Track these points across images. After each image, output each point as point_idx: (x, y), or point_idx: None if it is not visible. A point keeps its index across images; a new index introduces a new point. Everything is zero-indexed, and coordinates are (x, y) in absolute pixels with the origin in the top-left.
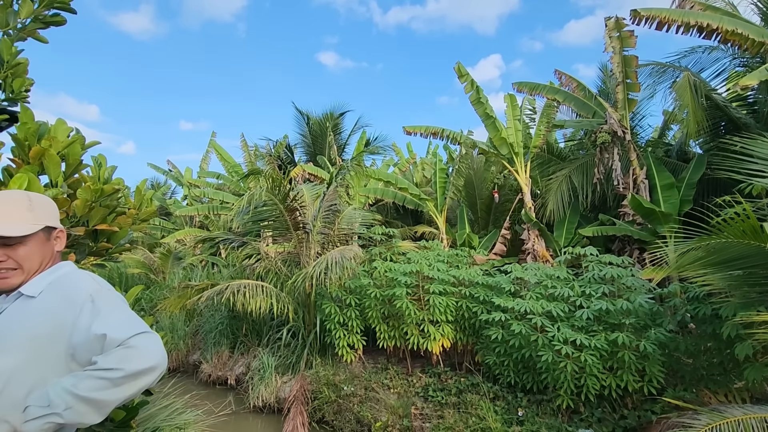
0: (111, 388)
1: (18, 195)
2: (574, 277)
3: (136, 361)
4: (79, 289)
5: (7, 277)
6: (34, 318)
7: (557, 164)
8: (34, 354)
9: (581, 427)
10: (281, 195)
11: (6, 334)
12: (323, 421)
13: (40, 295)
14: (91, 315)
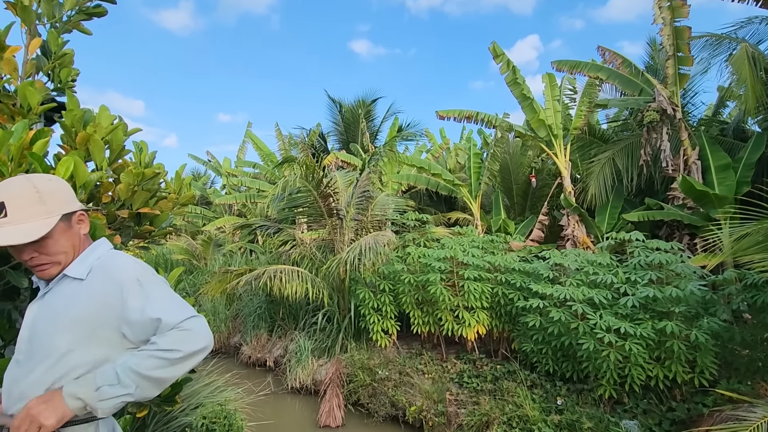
0: (170, 367)
1: (24, 189)
2: (618, 264)
3: (192, 343)
4: (125, 272)
5: (45, 269)
6: (84, 300)
7: (599, 146)
8: (88, 334)
9: (625, 418)
10: (315, 181)
11: (59, 315)
12: (358, 404)
13: (88, 277)
14: (142, 298)
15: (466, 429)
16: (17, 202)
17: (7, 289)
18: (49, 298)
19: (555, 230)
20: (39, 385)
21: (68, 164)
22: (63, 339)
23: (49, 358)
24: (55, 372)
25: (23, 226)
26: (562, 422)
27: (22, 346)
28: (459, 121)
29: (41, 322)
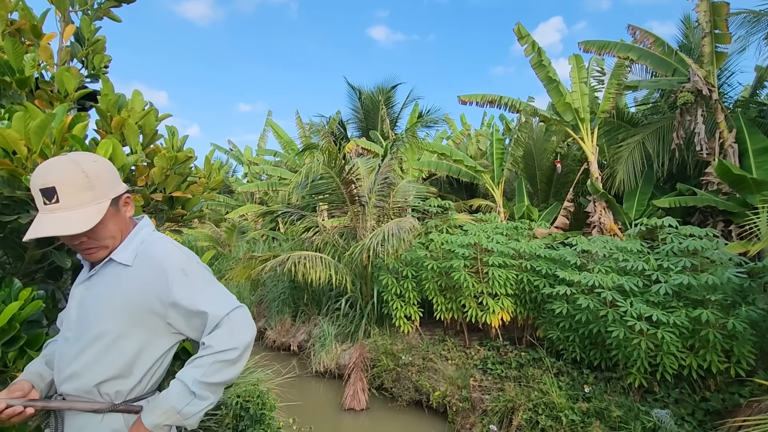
0: (232, 366)
1: (74, 174)
2: (649, 250)
3: (243, 336)
4: (171, 261)
5: (92, 253)
6: (131, 287)
7: (627, 130)
8: (135, 320)
9: (655, 407)
10: (337, 168)
11: (107, 299)
12: (382, 388)
13: (134, 263)
14: (187, 289)
15: (491, 415)
16: (68, 188)
17: (50, 270)
18: (96, 281)
19: (580, 217)
20: (91, 366)
21: (107, 147)
22: (111, 323)
23: (98, 341)
24: (105, 354)
25: (76, 213)
26: (589, 410)
27: (71, 326)
28: (482, 106)
29: (89, 304)
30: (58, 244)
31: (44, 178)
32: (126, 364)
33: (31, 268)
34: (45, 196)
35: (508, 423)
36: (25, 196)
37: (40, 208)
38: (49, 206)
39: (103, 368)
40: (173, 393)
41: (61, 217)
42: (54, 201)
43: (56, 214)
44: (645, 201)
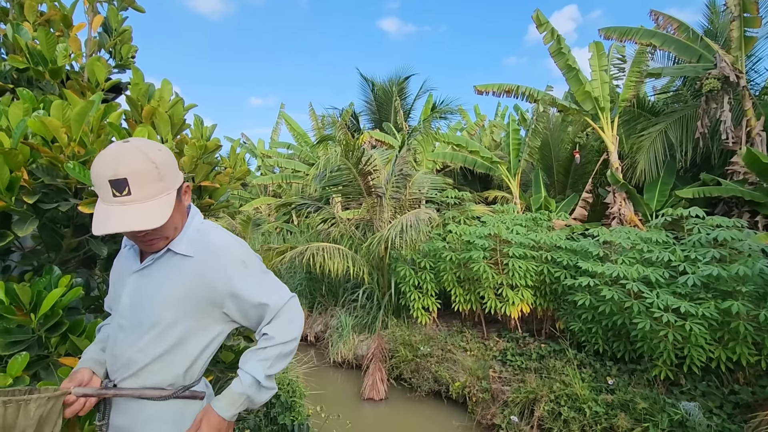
0: (289, 357)
1: (145, 164)
2: (674, 241)
3: (299, 325)
4: (230, 252)
5: (153, 244)
6: (191, 277)
7: (648, 120)
8: (192, 309)
9: (682, 399)
10: (354, 159)
11: (166, 288)
12: (401, 379)
13: (194, 253)
14: (247, 280)
15: (511, 406)
16: (140, 180)
17: (85, 258)
18: (153, 270)
19: (599, 209)
20: (147, 353)
21: (142, 135)
22: (169, 312)
23: (155, 328)
24: (163, 342)
25: (148, 206)
26: (614, 402)
27: (125, 313)
28: (498, 96)
29: (146, 293)
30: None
31: (115, 169)
32: (181, 352)
33: (67, 257)
34: (115, 188)
35: (530, 414)
36: (64, 185)
37: (106, 200)
38: (120, 198)
39: (160, 356)
40: (245, 384)
41: (134, 210)
42: (125, 193)
43: (128, 207)
44: (667, 192)
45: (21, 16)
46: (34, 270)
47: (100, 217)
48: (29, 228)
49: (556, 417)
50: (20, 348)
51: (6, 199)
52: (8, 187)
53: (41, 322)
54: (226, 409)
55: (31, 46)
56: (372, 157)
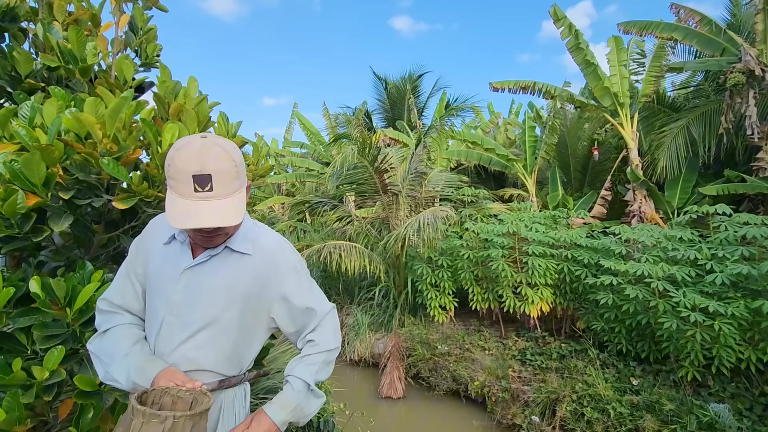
0: (331, 365)
1: (226, 162)
2: (700, 239)
3: (339, 334)
4: (285, 254)
5: (216, 240)
6: (247, 276)
7: (668, 116)
8: (245, 308)
9: (710, 401)
10: (370, 157)
11: (221, 287)
12: (419, 377)
13: (252, 252)
14: (297, 284)
15: (532, 406)
16: (222, 177)
17: (114, 255)
18: (209, 268)
19: (617, 207)
20: (200, 351)
21: (173, 131)
22: (224, 309)
23: (210, 328)
24: (217, 341)
25: (227, 202)
26: (639, 403)
27: (173, 309)
28: (514, 92)
29: (201, 290)
30: (125, 228)
31: (201, 165)
32: (233, 352)
33: (97, 253)
34: (198, 183)
35: (551, 414)
36: (96, 181)
37: (185, 194)
38: (201, 194)
39: (212, 354)
40: (297, 391)
41: (215, 206)
42: (207, 189)
43: (208, 203)
44: (689, 189)
45: (50, 15)
46: (66, 266)
47: (178, 211)
48: (65, 223)
49: (579, 418)
50: (56, 342)
51: (42, 194)
52: (44, 183)
53: (76, 317)
54: (277, 414)
55: (62, 45)
56: (388, 155)
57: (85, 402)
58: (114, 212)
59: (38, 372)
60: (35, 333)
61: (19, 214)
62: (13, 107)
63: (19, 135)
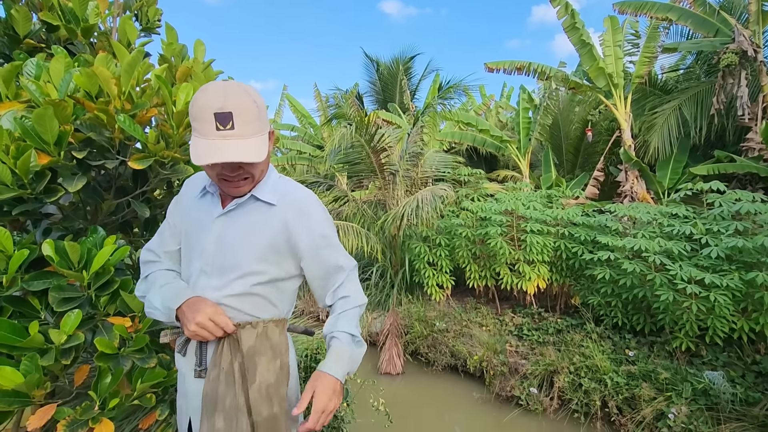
0: (359, 319)
1: (248, 102)
2: (695, 215)
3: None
4: (315, 209)
5: (240, 186)
6: (276, 227)
7: (659, 98)
8: (275, 257)
9: (704, 370)
10: (367, 136)
11: (250, 235)
12: (417, 354)
13: (279, 203)
14: (326, 239)
15: (530, 378)
16: (244, 116)
17: (122, 223)
18: (237, 217)
19: (609, 187)
20: (236, 298)
21: (188, 90)
22: (255, 258)
23: (242, 273)
24: (250, 287)
25: (249, 142)
26: (635, 373)
27: (209, 259)
28: (509, 73)
29: (232, 238)
30: (135, 194)
31: (222, 103)
32: (267, 300)
33: (105, 221)
34: (219, 121)
35: (549, 386)
36: (108, 142)
37: (207, 134)
38: (222, 132)
39: (247, 301)
40: (346, 343)
41: (236, 144)
42: (229, 127)
43: (229, 141)
44: (679, 169)
45: None
46: (73, 234)
47: (201, 150)
48: (78, 184)
49: (577, 388)
50: (73, 305)
51: (55, 153)
52: (57, 141)
53: (92, 281)
54: (335, 369)
55: (63, 4)
56: (385, 135)
57: (104, 364)
58: (123, 178)
59: (55, 335)
60: (51, 295)
61: (32, 173)
62: (18, 63)
63: (29, 90)
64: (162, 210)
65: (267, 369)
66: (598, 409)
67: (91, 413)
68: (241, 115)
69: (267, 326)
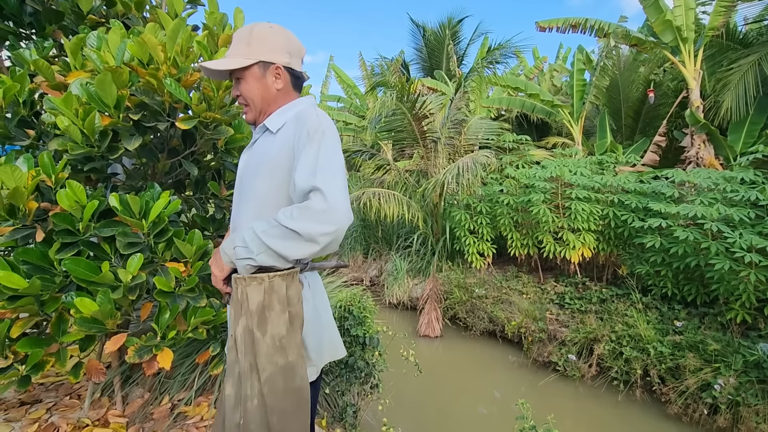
0: (290, 241)
1: (244, 30)
2: (765, 180)
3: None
4: (306, 122)
5: (245, 112)
6: (276, 149)
7: (737, 52)
8: (281, 180)
9: (759, 342)
10: (409, 103)
11: (259, 162)
12: (456, 318)
13: (278, 131)
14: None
15: (569, 345)
16: (234, 40)
17: (176, 182)
18: (255, 147)
19: (672, 154)
20: (245, 223)
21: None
22: (262, 184)
23: (253, 200)
24: (259, 213)
25: (226, 57)
26: (681, 343)
27: (235, 190)
28: (563, 32)
29: (248, 167)
30: (185, 154)
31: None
32: None
33: (160, 180)
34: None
35: (588, 353)
36: (159, 106)
37: None
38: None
39: None
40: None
41: (218, 60)
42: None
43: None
44: (756, 132)
45: None
46: (135, 191)
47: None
48: (136, 143)
49: (617, 356)
50: (136, 249)
51: (114, 115)
52: (116, 104)
53: (150, 228)
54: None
55: None
56: (426, 101)
57: (162, 300)
58: (174, 139)
59: (123, 274)
60: (119, 240)
61: (97, 133)
62: (82, 35)
63: (90, 58)
64: (210, 171)
65: (277, 322)
66: (638, 378)
67: (154, 342)
68: (234, 39)
69: (273, 281)
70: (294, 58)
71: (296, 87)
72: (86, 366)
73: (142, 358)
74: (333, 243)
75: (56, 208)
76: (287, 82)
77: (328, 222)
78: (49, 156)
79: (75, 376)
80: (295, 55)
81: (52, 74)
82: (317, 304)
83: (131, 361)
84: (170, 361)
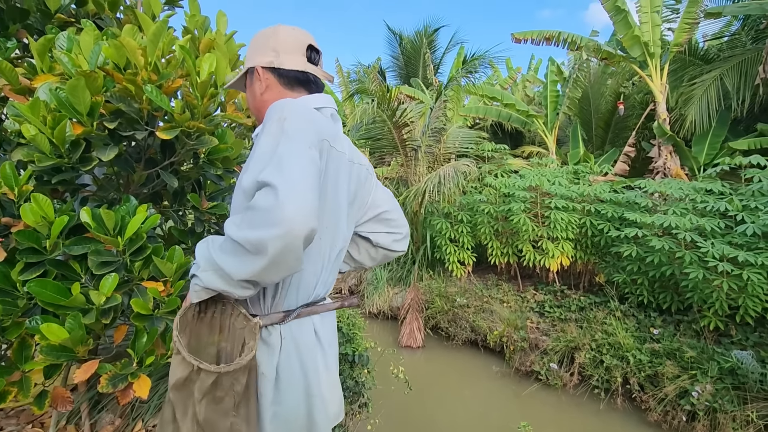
0: (230, 255)
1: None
2: (731, 191)
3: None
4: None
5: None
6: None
7: (699, 68)
8: None
9: (732, 350)
10: (389, 111)
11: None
12: (438, 328)
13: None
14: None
15: (551, 354)
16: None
17: (153, 194)
18: None
19: (641, 164)
20: None
21: (211, 61)
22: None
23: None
24: None
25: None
26: (659, 351)
27: None
28: (537, 44)
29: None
30: (164, 165)
31: None
32: None
33: (136, 191)
34: None
35: (570, 362)
36: (136, 113)
37: None
38: None
39: None
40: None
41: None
42: None
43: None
44: (718, 144)
45: None
46: (108, 204)
47: None
48: (111, 153)
49: (598, 365)
50: (110, 269)
51: (88, 123)
52: (89, 112)
53: (126, 246)
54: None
55: None
56: (406, 110)
57: (139, 324)
58: (153, 149)
59: (95, 296)
60: (90, 259)
61: (68, 143)
62: (50, 36)
63: (61, 62)
64: (189, 182)
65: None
66: (619, 386)
67: (129, 369)
68: None
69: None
70: (285, 55)
71: (294, 85)
72: (51, 395)
73: (116, 387)
74: (288, 254)
75: (19, 224)
76: (273, 83)
77: (274, 223)
78: (12, 167)
79: (39, 407)
80: (286, 51)
81: (16, 77)
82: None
83: (104, 391)
84: (148, 390)
